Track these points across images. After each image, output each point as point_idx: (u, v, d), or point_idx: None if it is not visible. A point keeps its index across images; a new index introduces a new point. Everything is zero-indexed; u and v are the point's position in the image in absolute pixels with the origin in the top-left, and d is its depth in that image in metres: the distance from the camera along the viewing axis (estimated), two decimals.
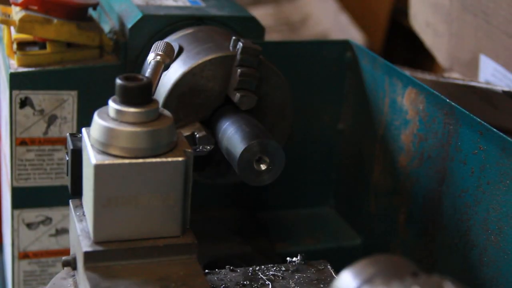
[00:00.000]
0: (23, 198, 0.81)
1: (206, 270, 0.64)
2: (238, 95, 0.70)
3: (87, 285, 0.52)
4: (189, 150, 0.55)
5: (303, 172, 0.95)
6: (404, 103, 0.80)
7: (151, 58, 0.65)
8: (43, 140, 0.79)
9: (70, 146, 0.58)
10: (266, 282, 0.63)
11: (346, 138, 0.94)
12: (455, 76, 1.03)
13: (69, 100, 0.78)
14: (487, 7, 0.95)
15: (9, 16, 0.79)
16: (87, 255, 0.54)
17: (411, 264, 0.43)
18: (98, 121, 0.54)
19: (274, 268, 0.65)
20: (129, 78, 0.54)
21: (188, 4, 0.85)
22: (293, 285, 0.63)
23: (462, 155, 0.70)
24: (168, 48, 0.65)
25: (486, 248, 0.67)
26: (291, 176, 0.93)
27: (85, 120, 0.73)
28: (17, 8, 0.77)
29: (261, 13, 1.53)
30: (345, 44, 0.91)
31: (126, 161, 0.53)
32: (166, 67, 0.65)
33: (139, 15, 0.80)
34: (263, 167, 0.64)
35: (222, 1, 0.89)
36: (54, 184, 0.81)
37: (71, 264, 0.58)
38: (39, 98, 0.77)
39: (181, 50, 0.75)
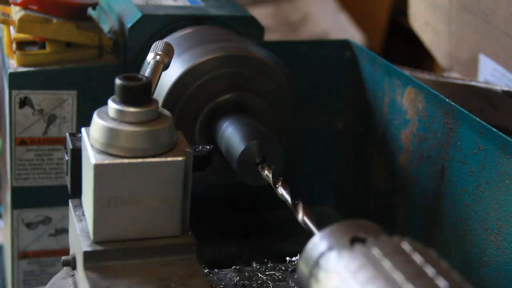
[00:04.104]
0: (23, 198, 0.81)
1: (206, 270, 0.64)
2: None
3: (86, 285, 0.52)
4: (189, 150, 0.55)
5: (303, 172, 0.95)
6: (403, 102, 0.80)
7: (151, 57, 0.65)
8: (42, 140, 0.79)
9: (69, 146, 0.58)
10: (266, 282, 0.63)
11: (346, 138, 0.94)
12: (455, 76, 1.03)
13: (69, 100, 0.78)
14: (487, 7, 0.95)
15: (8, 15, 0.79)
16: (87, 255, 0.54)
17: (377, 228, 0.44)
18: (97, 121, 0.54)
19: (274, 268, 0.65)
20: (128, 78, 0.54)
21: (187, 4, 0.85)
22: (293, 285, 0.63)
23: (461, 155, 0.70)
24: (168, 47, 0.65)
25: (485, 247, 0.67)
26: (291, 176, 0.93)
27: (84, 120, 0.73)
28: (17, 8, 0.77)
29: (261, 13, 1.53)
30: (345, 44, 0.91)
31: (126, 160, 0.53)
32: (166, 67, 0.65)
33: (138, 15, 0.80)
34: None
35: (221, 1, 0.89)
36: (53, 184, 0.81)
37: (71, 264, 0.58)
38: (39, 98, 0.77)
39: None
